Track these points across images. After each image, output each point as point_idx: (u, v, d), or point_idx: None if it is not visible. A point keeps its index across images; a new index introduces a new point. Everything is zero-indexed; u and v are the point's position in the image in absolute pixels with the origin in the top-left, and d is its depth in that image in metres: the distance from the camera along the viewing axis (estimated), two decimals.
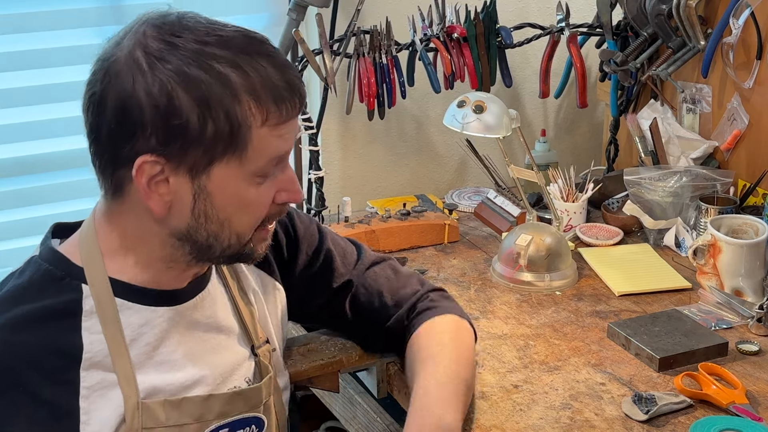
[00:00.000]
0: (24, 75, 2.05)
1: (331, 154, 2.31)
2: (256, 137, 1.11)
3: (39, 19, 2.02)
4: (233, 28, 1.14)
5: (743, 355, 1.58)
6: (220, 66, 1.09)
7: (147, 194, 1.13)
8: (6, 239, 2.11)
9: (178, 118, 1.08)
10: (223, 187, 1.13)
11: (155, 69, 1.08)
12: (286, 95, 1.12)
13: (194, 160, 1.10)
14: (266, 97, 1.10)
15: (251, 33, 1.15)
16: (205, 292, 1.27)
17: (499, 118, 1.82)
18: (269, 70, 1.11)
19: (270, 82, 1.11)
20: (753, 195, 2.02)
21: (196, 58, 1.08)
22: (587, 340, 1.65)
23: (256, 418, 1.29)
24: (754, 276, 1.75)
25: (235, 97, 1.09)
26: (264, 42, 1.15)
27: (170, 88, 1.07)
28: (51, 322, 1.14)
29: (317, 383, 1.57)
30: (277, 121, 1.12)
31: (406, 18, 2.14)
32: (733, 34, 2.00)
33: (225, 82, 1.08)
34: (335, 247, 1.48)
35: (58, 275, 1.17)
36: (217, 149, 1.10)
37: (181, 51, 1.09)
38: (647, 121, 2.18)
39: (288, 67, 1.14)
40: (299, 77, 1.16)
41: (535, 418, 1.41)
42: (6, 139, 2.06)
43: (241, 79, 1.09)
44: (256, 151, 1.12)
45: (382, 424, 1.70)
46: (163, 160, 1.10)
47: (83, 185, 2.15)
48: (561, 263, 1.86)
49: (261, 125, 1.11)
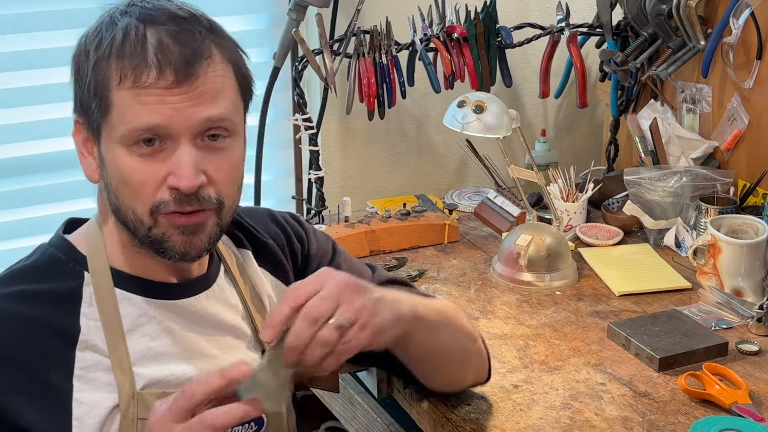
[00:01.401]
0: (24, 75, 2.05)
1: (331, 154, 2.31)
2: (116, 99, 1.10)
3: (39, 19, 2.02)
4: (174, 4, 1.14)
5: (743, 355, 1.58)
6: (115, 28, 1.11)
7: (81, 156, 1.19)
8: (6, 239, 2.11)
9: (78, 75, 1.14)
10: (106, 152, 1.14)
11: (84, 35, 1.15)
12: (149, 58, 1.08)
13: (91, 122, 1.14)
14: (129, 58, 1.09)
15: (177, 9, 1.13)
16: (210, 292, 1.27)
17: (499, 118, 1.82)
18: (149, 36, 1.10)
19: (141, 44, 1.09)
20: (753, 195, 2.02)
21: (110, 20, 1.13)
22: (587, 340, 1.65)
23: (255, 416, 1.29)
24: (754, 276, 1.75)
25: (104, 55, 1.11)
26: (176, 16, 1.12)
27: (81, 51, 1.14)
28: (51, 303, 1.15)
29: (317, 383, 1.56)
30: (132, 83, 1.09)
31: (406, 18, 2.14)
32: (733, 34, 2.00)
33: (107, 41, 1.11)
34: (348, 265, 1.46)
35: (63, 260, 1.19)
36: (95, 111, 1.12)
37: (104, 17, 1.14)
38: (647, 121, 2.18)
39: (174, 37, 1.10)
40: (191, 51, 1.10)
41: (535, 418, 1.41)
42: (6, 139, 2.06)
43: (120, 42, 1.10)
44: (117, 114, 1.10)
45: (382, 424, 1.70)
46: (81, 119, 1.16)
47: (83, 185, 2.13)
48: (561, 263, 1.86)
49: (118, 85, 1.09)
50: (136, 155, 1.11)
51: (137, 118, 1.09)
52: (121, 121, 1.10)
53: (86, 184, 2.22)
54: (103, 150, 1.14)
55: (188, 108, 1.10)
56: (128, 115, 1.09)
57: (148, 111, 1.09)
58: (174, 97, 1.09)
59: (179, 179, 1.10)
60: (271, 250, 1.37)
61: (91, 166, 1.18)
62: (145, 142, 1.10)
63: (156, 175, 1.11)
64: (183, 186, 1.10)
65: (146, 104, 1.09)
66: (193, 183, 1.11)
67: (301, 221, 1.46)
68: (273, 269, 1.37)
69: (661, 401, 1.45)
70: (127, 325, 1.18)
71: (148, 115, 1.09)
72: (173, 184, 1.11)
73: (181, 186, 1.10)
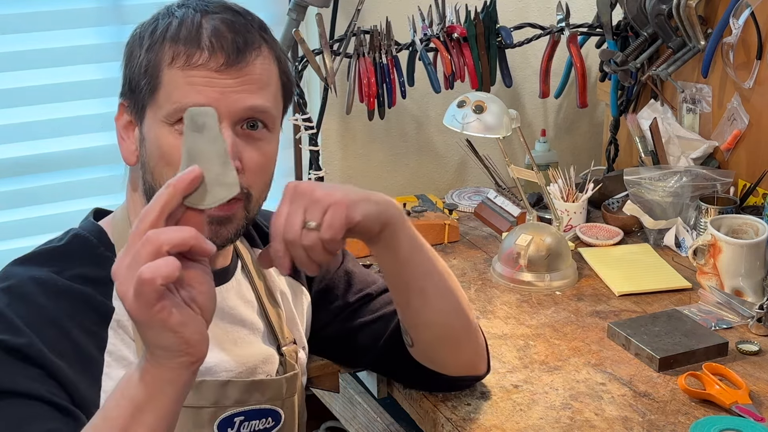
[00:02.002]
0: (24, 75, 2.05)
1: (331, 154, 2.31)
2: (166, 77, 1.14)
3: (39, 19, 2.02)
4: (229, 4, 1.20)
5: (743, 355, 1.58)
6: (172, 18, 1.16)
7: (120, 139, 1.22)
8: (6, 239, 2.11)
9: (130, 61, 1.18)
10: (149, 131, 1.17)
11: (140, 25, 1.20)
12: (203, 42, 1.13)
13: (137, 102, 1.17)
14: (182, 39, 1.13)
15: (230, 5, 1.19)
16: (228, 285, 1.29)
17: (499, 118, 1.81)
18: (204, 23, 1.14)
19: (196, 29, 1.14)
20: (753, 195, 2.02)
21: (165, 14, 1.18)
22: (587, 340, 1.65)
23: (273, 411, 1.30)
24: (754, 276, 1.75)
25: (159, 39, 1.15)
26: (230, 9, 1.18)
27: (134, 38, 1.19)
28: (89, 282, 1.18)
29: (317, 383, 1.57)
30: (183, 63, 1.13)
31: (406, 18, 2.14)
32: (733, 34, 2.00)
33: (164, 29, 1.15)
34: (356, 268, 1.49)
35: (95, 243, 1.22)
36: (143, 89, 1.15)
37: (161, 10, 1.19)
38: (647, 121, 2.18)
39: (229, 25, 1.15)
40: (243, 40, 1.14)
41: (535, 418, 1.41)
42: (6, 139, 2.06)
43: (175, 27, 1.14)
44: (165, 92, 1.14)
45: (382, 424, 1.70)
46: (126, 102, 1.20)
47: (84, 185, 2.15)
48: (561, 263, 1.86)
49: (170, 64, 1.13)
50: (177, 134, 1.14)
51: (184, 97, 1.13)
52: (168, 99, 1.13)
53: (86, 184, 2.24)
54: (145, 129, 1.17)
55: (234, 93, 1.14)
56: (176, 93, 1.13)
57: (195, 91, 1.13)
58: (222, 80, 1.13)
59: None
60: None
61: (130, 149, 1.21)
62: None
63: None
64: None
65: (194, 84, 1.13)
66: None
67: None
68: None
69: (661, 401, 1.45)
70: None
71: (195, 94, 1.12)
72: None
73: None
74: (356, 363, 1.53)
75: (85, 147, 2.13)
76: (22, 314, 1.12)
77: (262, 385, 1.28)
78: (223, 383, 1.25)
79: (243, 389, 1.26)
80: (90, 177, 2.15)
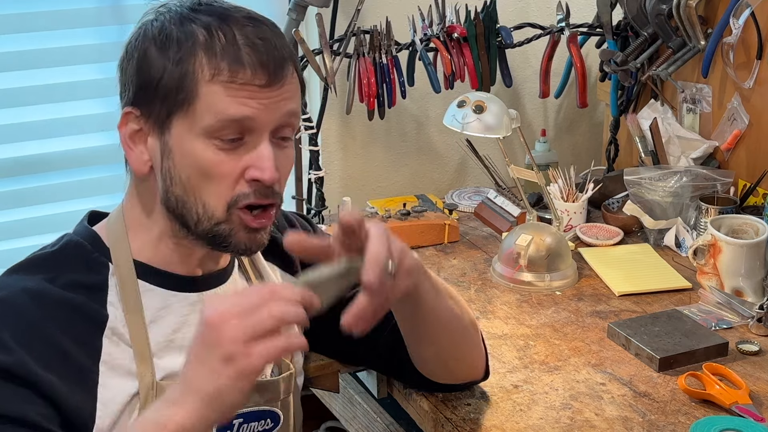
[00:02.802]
0: (24, 75, 2.05)
1: (331, 154, 2.31)
2: (205, 92, 1.13)
3: (39, 19, 2.02)
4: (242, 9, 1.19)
5: (743, 355, 1.58)
6: (193, 26, 1.15)
7: (127, 148, 1.19)
8: (6, 239, 2.11)
9: (147, 70, 1.15)
10: (180, 143, 1.16)
11: (143, 25, 1.18)
12: (245, 59, 1.13)
13: (158, 112, 1.16)
14: (221, 54, 1.13)
15: (248, 12, 1.19)
16: (226, 286, 1.29)
17: (499, 118, 1.82)
18: (238, 37, 1.14)
19: (231, 44, 1.14)
20: (753, 195, 2.02)
21: (179, 19, 1.16)
22: (587, 340, 1.65)
23: (271, 412, 1.30)
24: (754, 276, 1.75)
25: (191, 51, 1.14)
26: (254, 18, 1.18)
27: (147, 44, 1.16)
28: (82, 289, 1.18)
29: (317, 383, 1.57)
30: (227, 78, 1.13)
31: (406, 18, 2.14)
32: (733, 34, 2.00)
33: (188, 38, 1.14)
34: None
35: (88, 249, 1.22)
36: (171, 99, 1.14)
37: (172, 14, 1.17)
38: (647, 121, 2.18)
39: (264, 41, 1.15)
40: (280, 56, 1.16)
41: (535, 418, 1.41)
42: (6, 139, 2.06)
43: (204, 38, 1.14)
44: (204, 106, 1.13)
45: (382, 424, 1.70)
46: (138, 111, 1.17)
47: (84, 185, 2.15)
48: (561, 263, 1.86)
49: (210, 80, 1.13)
50: (216, 148, 1.15)
51: (228, 109, 1.13)
52: (209, 112, 1.13)
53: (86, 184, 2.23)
54: (172, 140, 1.16)
55: (274, 105, 1.16)
56: (218, 106, 1.13)
57: (238, 103, 1.13)
58: (263, 94, 1.15)
59: (262, 171, 1.15)
60: (280, 245, 1.39)
61: (141, 159, 1.20)
62: (228, 137, 1.15)
63: (236, 167, 1.16)
64: (267, 177, 1.15)
65: (238, 98, 1.13)
66: (275, 175, 1.16)
67: (309, 220, 1.51)
68: (282, 263, 1.40)
69: (661, 401, 1.45)
70: (149, 317, 1.21)
71: (239, 107, 1.13)
72: (256, 176, 1.16)
73: (264, 177, 1.16)
74: (355, 361, 1.53)
75: (85, 147, 2.13)
76: (13, 328, 1.12)
77: (260, 387, 1.28)
78: None
79: None
80: (90, 177, 2.16)
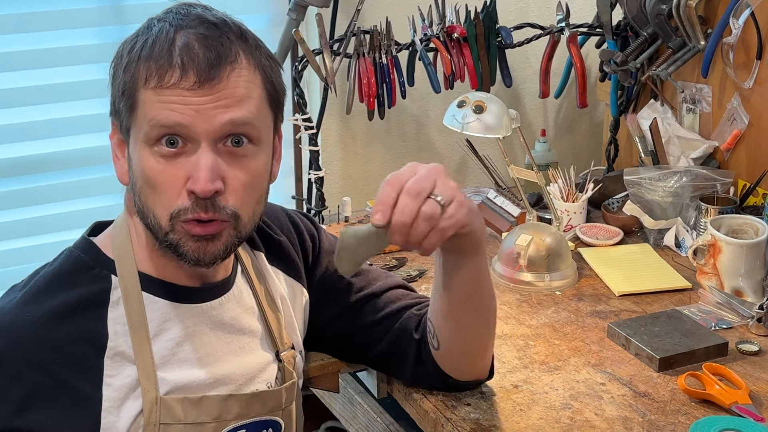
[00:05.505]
0: (24, 75, 2.05)
1: (331, 154, 2.31)
2: (142, 98, 1.12)
3: (39, 19, 2.02)
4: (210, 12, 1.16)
5: (743, 355, 1.58)
6: (150, 33, 1.13)
7: (114, 158, 1.20)
8: (6, 239, 2.11)
9: (114, 80, 1.16)
10: (133, 154, 1.15)
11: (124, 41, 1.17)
12: (174, 60, 1.10)
13: (122, 124, 1.16)
14: (155, 58, 1.11)
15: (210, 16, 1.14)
16: (230, 294, 1.28)
17: (499, 118, 1.81)
18: (177, 40, 1.11)
19: (165, 46, 1.11)
20: (753, 195, 2.02)
21: (146, 27, 1.15)
22: (587, 340, 1.65)
23: (273, 421, 1.30)
24: (754, 276, 1.75)
25: (135, 58, 1.12)
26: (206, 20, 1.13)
27: (117, 56, 1.16)
28: (80, 312, 1.16)
29: (317, 383, 1.57)
30: (156, 83, 1.10)
31: (406, 18, 2.14)
32: (733, 34, 2.00)
33: (140, 46, 1.13)
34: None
35: (90, 264, 1.20)
36: (124, 111, 1.14)
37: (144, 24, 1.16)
38: (647, 121, 2.18)
39: (204, 41, 1.11)
40: (216, 55, 1.10)
41: (535, 418, 1.41)
42: (6, 139, 2.06)
43: (150, 44, 1.12)
44: (142, 113, 1.12)
45: (382, 424, 1.70)
46: (117, 122, 1.17)
47: (84, 185, 2.15)
48: (561, 263, 1.86)
49: (144, 85, 1.11)
50: (158, 155, 1.12)
51: (158, 115, 1.10)
52: (145, 119, 1.11)
53: (86, 184, 2.24)
54: (130, 150, 1.16)
55: (210, 110, 1.10)
56: (151, 113, 1.11)
57: (169, 109, 1.10)
58: (196, 98, 1.10)
59: (195, 182, 1.10)
60: (284, 248, 1.39)
61: (122, 168, 1.20)
62: (168, 143, 1.11)
63: (177, 177, 1.12)
64: (198, 189, 1.10)
65: (168, 103, 1.10)
66: (209, 187, 1.10)
67: (313, 220, 1.49)
68: (285, 267, 1.39)
69: (661, 401, 1.45)
70: (153, 330, 1.20)
71: (169, 113, 1.10)
72: (190, 188, 1.11)
73: (196, 189, 1.10)
74: (359, 360, 1.53)
75: (85, 147, 2.14)
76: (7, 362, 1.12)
77: (262, 397, 1.28)
78: (225, 398, 1.24)
79: (244, 402, 1.25)
80: (90, 177, 2.16)
